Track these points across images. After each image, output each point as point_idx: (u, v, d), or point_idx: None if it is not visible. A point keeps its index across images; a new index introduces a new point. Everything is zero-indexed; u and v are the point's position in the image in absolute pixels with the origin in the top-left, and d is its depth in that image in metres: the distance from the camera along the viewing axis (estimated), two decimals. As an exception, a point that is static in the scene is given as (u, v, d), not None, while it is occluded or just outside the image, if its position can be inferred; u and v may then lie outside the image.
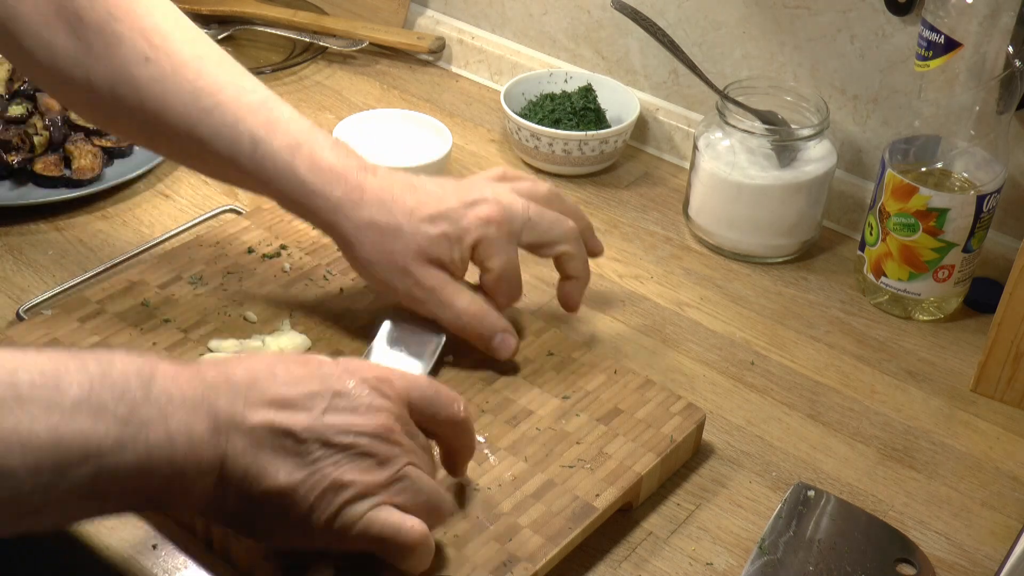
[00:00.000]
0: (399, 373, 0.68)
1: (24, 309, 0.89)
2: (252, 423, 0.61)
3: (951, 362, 0.93)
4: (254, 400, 0.62)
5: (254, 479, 0.62)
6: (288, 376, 0.64)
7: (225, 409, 0.61)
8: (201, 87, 0.80)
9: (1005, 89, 0.89)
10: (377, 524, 0.64)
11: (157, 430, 0.58)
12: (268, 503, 0.62)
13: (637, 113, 1.13)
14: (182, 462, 0.59)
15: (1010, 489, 0.83)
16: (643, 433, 0.79)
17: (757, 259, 1.03)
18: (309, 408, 0.63)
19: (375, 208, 0.81)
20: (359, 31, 1.29)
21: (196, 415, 0.60)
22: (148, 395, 0.59)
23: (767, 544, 0.74)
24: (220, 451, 0.61)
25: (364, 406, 0.64)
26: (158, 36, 0.81)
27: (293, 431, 0.62)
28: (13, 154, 1.03)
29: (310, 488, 0.62)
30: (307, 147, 0.81)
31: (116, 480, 0.58)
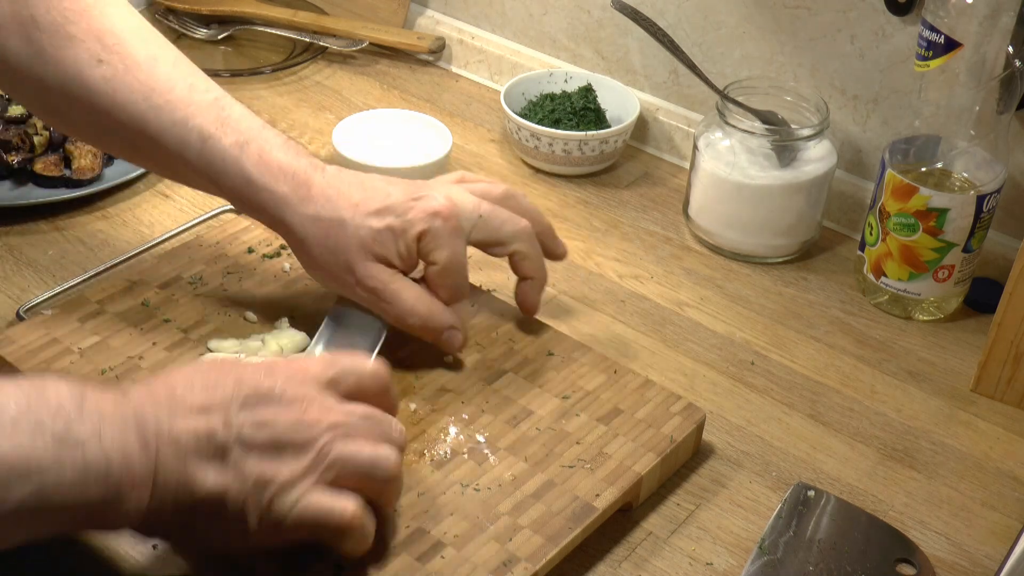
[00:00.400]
0: (314, 359, 0.69)
1: (24, 309, 0.89)
2: (176, 432, 0.62)
3: (951, 362, 0.93)
4: (175, 410, 0.63)
5: (185, 487, 0.62)
6: (204, 383, 0.65)
7: (152, 422, 0.62)
8: (152, 86, 0.81)
9: (1005, 89, 0.89)
10: (309, 511, 0.64)
11: (92, 447, 0.59)
12: (202, 510, 0.63)
13: (637, 113, 1.13)
14: (117, 477, 0.60)
15: (1010, 489, 0.83)
16: (643, 433, 0.79)
17: (757, 259, 1.03)
18: (224, 409, 0.64)
19: (321, 204, 0.81)
20: (359, 31, 1.30)
21: (126, 431, 0.61)
22: (81, 413, 0.60)
23: (767, 544, 0.74)
24: (151, 464, 0.62)
25: (276, 398, 0.65)
26: (112, 37, 0.81)
27: (213, 432, 0.63)
28: (13, 154, 1.03)
29: (238, 489, 0.63)
30: (256, 144, 0.82)
31: (56, 498, 0.58)
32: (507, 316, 0.89)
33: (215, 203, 1.03)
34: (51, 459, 0.58)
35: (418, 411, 0.80)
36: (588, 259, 1.02)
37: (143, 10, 1.33)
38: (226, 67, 1.27)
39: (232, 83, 1.24)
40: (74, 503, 0.59)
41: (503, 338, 0.87)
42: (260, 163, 0.81)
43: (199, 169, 0.82)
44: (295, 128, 1.17)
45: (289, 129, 1.17)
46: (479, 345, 0.86)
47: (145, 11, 1.33)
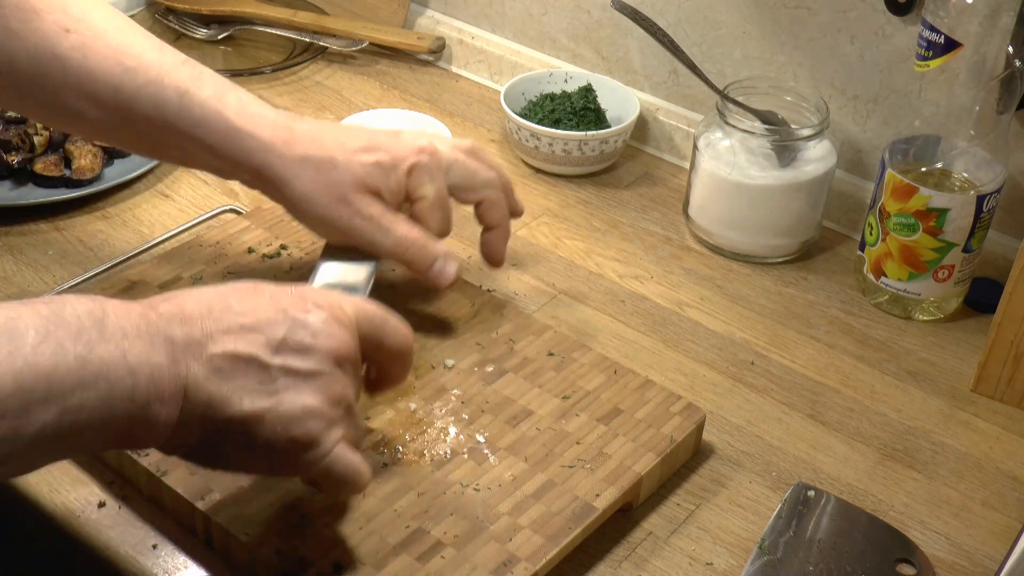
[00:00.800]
0: (349, 300, 0.68)
1: (24, 309, 0.89)
2: (212, 352, 0.62)
3: (951, 362, 0.93)
4: (211, 329, 0.62)
5: (219, 406, 0.62)
6: (243, 305, 0.64)
7: (182, 339, 0.61)
8: (124, 50, 0.82)
9: (1005, 89, 0.89)
10: (340, 464, 0.65)
11: (116, 366, 0.58)
12: (233, 431, 0.62)
13: (637, 113, 1.13)
14: (144, 395, 0.59)
15: (1010, 489, 0.83)
16: (643, 433, 0.79)
17: (757, 259, 1.03)
18: (270, 332, 0.63)
19: (307, 144, 0.82)
20: (359, 31, 1.30)
21: (153, 346, 0.60)
22: (103, 333, 0.59)
23: (767, 544, 0.74)
24: (181, 381, 0.61)
25: (323, 332, 0.64)
26: (76, 8, 0.82)
27: (256, 356, 0.62)
28: (13, 154, 1.03)
29: (279, 416, 0.62)
30: (233, 95, 0.83)
31: (81, 418, 0.58)
32: (507, 316, 0.89)
33: (215, 203, 1.03)
34: (74, 381, 0.57)
35: (418, 411, 0.80)
36: (588, 259, 1.02)
37: (143, 10, 1.34)
38: (226, 67, 1.27)
39: (232, 83, 1.24)
40: (100, 423, 0.59)
41: (503, 338, 0.87)
42: (240, 111, 0.82)
43: (177, 125, 0.82)
44: (295, 128, 1.17)
45: (289, 129, 1.17)
46: (479, 345, 0.86)
47: (145, 11, 1.33)
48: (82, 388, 0.57)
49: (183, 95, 0.81)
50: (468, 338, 0.87)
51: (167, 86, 0.81)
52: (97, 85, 0.81)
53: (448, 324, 0.88)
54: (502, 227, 0.89)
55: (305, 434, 0.63)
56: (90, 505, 0.75)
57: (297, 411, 0.63)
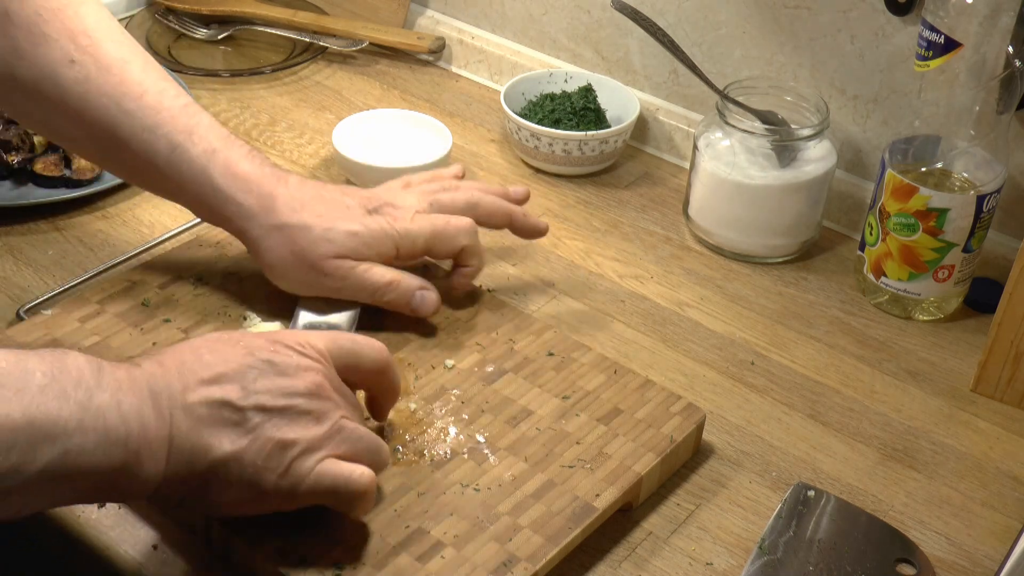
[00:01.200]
0: (318, 333, 0.71)
1: (24, 309, 0.89)
2: (190, 401, 0.65)
3: (951, 362, 0.93)
4: (188, 381, 0.65)
5: (201, 453, 0.65)
6: (215, 355, 0.67)
7: (164, 392, 0.65)
8: (124, 91, 0.83)
9: (1005, 89, 0.89)
10: (327, 476, 0.67)
11: (112, 414, 0.62)
12: (216, 475, 0.65)
13: (637, 113, 1.13)
14: (136, 443, 0.63)
15: (1010, 489, 0.83)
16: (643, 433, 0.79)
17: (757, 259, 1.03)
18: (241, 379, 0.66)
19: (286, 213, 0.84)
20: (359, 31, 1.29)
21: (142, 401, 0.64)
22: (100, 383, 0.62)
23: (767, 544, 0.74)
24: (166, 432, 0.64)
25: (293, 367, 0.68)
26: (85, 38, 0.83)
27: (229, 401, 0.65)
28: (13, 154, 1.03)
29: (256, 452, 0.65)
30: (223, 154, 0.84)
31: (80, 462, 0.61)
32: (507, 316, 0.89)
33: (215, 203, 1.03)
34: (76, 424, 0.60)
35: (418, 411, 0.80)
36: (588, 259, 1.02)
37: (143, 10, 1.34)
38: (226, 67, 1.27)
39: (232, 83, 1.24)
40: (96, 468, 0.61)
41: (503, 338, 0.87)
42: (227, 173, 0.84)
43: (166, 176, 0.84)
44: (295, 128, 1.17)
45: (289, 129, 1.17)
46: (479, 345, 0.86)
47: (145, 11, 1.33)
48: (82, 432, 0.61)
49: (174, 149, 0.83)
50: (468, 338, 0.87)
51: (160, 137, 0.83)
52: (93, 121, 0.83)
53: (448, 324, 0.88)
54: (476, 268, 0.91)
55: (280, 465, 0.66)
56: (90, 505, 0.75)
57: (272, 446, 0.66)
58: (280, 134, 1.16)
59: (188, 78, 1.22)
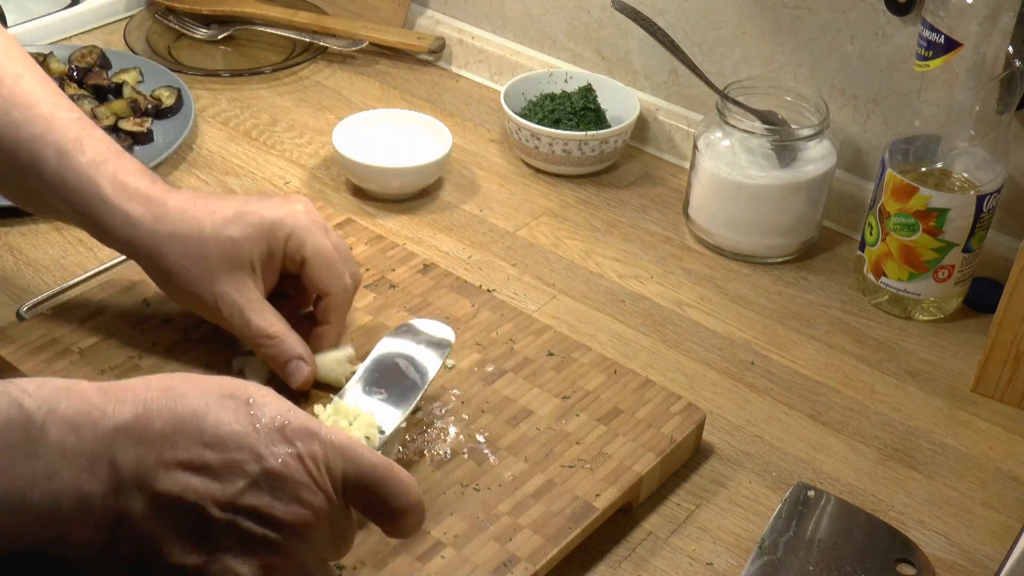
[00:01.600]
0: (343, 451, 0.60)
1: (24, 309, 0.89)
2: (159, 488, 0.56)
3: (951, 362, 0.93)
4: (168, 458, 0.56)
5: (149, 549, 0.56)
6: (215, 432, 0.57)
7: (131, 465, 0.56)
8: (14, 101, 0.79)
9: (1005, 89, 0.89)
10: None
11: (38, 489, 0.54)
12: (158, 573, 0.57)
13: (637, 113, 1.13)
14: (66, 520, 0.55)
15: (1010, 489, 0.83)
16: (643, 433, 0.79)
17: (757, 259, 1.03)
18: (229, 481, 0.56)
19: (177, 221, 0.78)
20: (359, 31, 1.30)
21: (91, 472, 0.55)
22: (34, 448, 0.54)
23: (767, 544, 0.74)
24: (115, 512, 0.56)
25: (291, 494, 0.57)
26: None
27: (204, 508, 0.56)
28: (13, 154, 1.03)
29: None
30: (112, 165, 0.79)
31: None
32: (507, 316, 0.89)
33: (215, 203, 1.03)
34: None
35: (418, 411, 0.80)
36: (588, 259, 1.02)
37: (143, 10, 1.34)
38: (226, 67, 1.27)
39: (232, 83, 1.24)
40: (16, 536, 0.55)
41: (503, 338, 0.87)
42: (115, 183, 0.79)
43: (52, 186, 0.79)
44: (295, 128, 1.17)
45: (289, 129, 1.17)
46: (479, 345, 0.86)
47: (145, 11, 1.33)
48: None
49: (61, 156, 0.78)
50: (468, 338, 0.87)
51: (48, 144, 0.78)
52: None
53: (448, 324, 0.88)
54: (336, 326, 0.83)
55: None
56: (90, 505, 0.75)
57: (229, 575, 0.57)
58: (280, 134, 1.16)
59: (188, 78, 1.22)
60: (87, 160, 0.79)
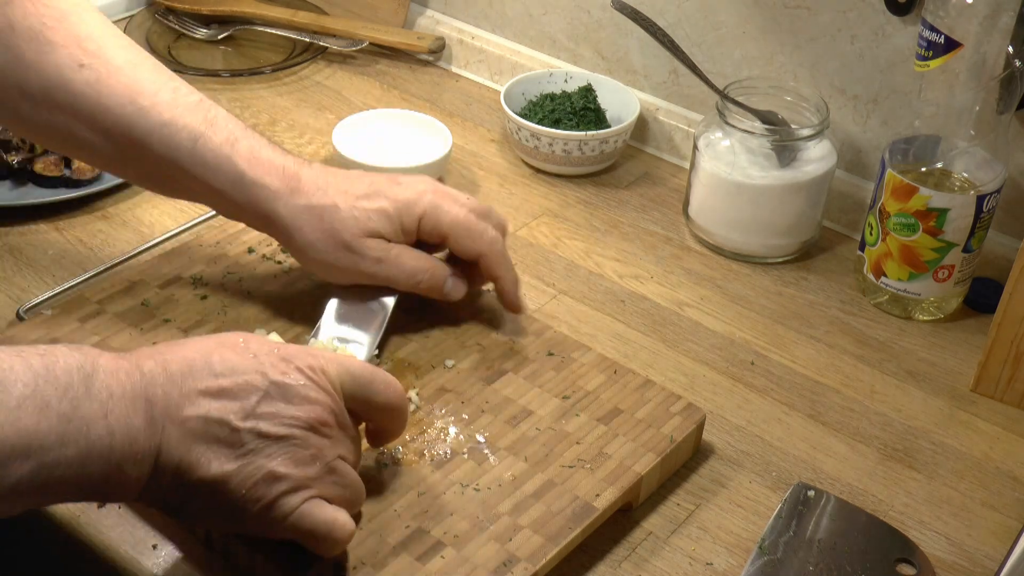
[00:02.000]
0: (334, 359, 0.68)
1: (24, 309, 0.89)
2: (186, 414, 0.63)
3: (951, 362, 0.93)
4: (189, 390, 0.63)
5: (187, 469, 0.63)
6: (223, 364, 0.65)
7: (161, 400, 0.63)
8: (137, 89, 0.82)
9: (1005, 89, 0.89)
10: (308, 519, 0.65)
11: (97, 426, 0.60)
12: (200, 492, 0.64)
13: (637, 113, 1.13)
14: (120, 455, 0.61)
15: (1010, 489, 0.83)
16: (643, 433, 0.79)
17: (757, 259, 1.03)
18: (244, 398, 0.64)
19: (312, 194, 0.83)
20: (359, 31, 1.30)
21: (134, 409, 0.62)
22: (89, 391, 0.60)
23: (767, 544, 0.74)
24: (155, 442, 0.62)
25: (299, 396, 0.65)
26: (92, 43, 0.82)
27: (227, 421, 0.63)
28: (13, 154, 1.03)
29: (244, 479, 0.63)
30: (245, 142, 0.83)
31: (56, 474, 0.59)
32: (507, 316, 0.89)
33: (215, 203, 1.03)
34: (55, 439, 0.58)
35: (418, 411, 0.80)
36: (588, 259, 1.02)
37: (143, 10, 1.34)
38: (226, 67, 1.27)
39: (232, 83, 1.24)
40: (74, 478, 0.60)
41: (503, 338, 0.87)
42: (251, 159, 0.83)
43: (188, 169, 0.82)
44: (295, 128, 1.17)
45: (289, 129, 1.17)
46: (479, 345, 0.86)
47: (145, 11, 1.33)
48: (61, 445, 0.59)
49: (196, 139, 0.82)
50: (468, 338, 0.87)
51: (180, 129, 0.82)
52: (109, 122, 0.82)
53: (448, 324, 0.88)
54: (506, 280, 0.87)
55: (265, 497, 0.64)
56: (90, 505, 0.75)
57: (261, 475, 0.64)
58: (280, 134, 1.16)
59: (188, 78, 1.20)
60: (221, 140, 0.82)
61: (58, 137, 0.85)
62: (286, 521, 0.65)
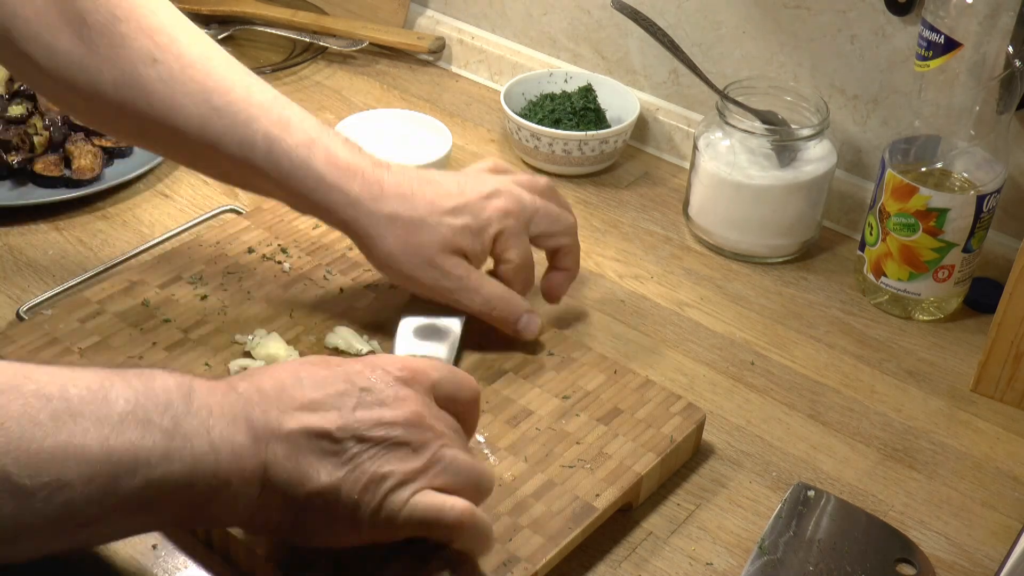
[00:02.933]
0: (418, 361, 0.69)
1: (24, 309, 0.89)
2: (288, 429, 0.62)
3: (951, 362, 0.93)
4: (286, 407, 0.63)
5: (297, 483, 0.62)
6: (313, 380, 0.65)
7: (261, 418, 0.62)
8: (211, 87, 0.81)
9: (1005, 89, 0.89)
10: (420, 508, 0.64)
11: (201, 441, 0.59)
12: (313, 505, 0.63)
13: (637, 113, 1.13)
14: (226, 472, 0.60)
15: (1010, 489, 0.83)
16: (643, 433, 0.79)
17: (757, 259, 1.03)
18: (339, 407, 0.64)
19: (396, 202, 0.82)
20: (359, 31, 1.30)
21: (235, 426, 0.61)
22: (189, 408, 0.60)
23: (767, 544, 0.74)
24: (261, 459, 0.62)
25: (391, 398, 0.65)
26: (164, 36, 0.81)
27: (328, 431, 0.63)
28: (13, 154, 1.03)
29: (352, 484, 0.63)
30: (322, 144, 0.82)
31: (164, 491, 0.59)
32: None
33: (215, 203, 1.03)
34: (160, 454, 0.58)
35: (418, 411, 0.80)
36: (588, 259, 1.02)
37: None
38: (226, 67, 1.27)
39: (232, 83, 1.24)
40: (183, 496, 0.60)
41: (503, 338, 0.87)
42: (329, 163, 0.81)
43: (264, 171, 0.81)
44: (295, 128, 1.17)
45: (289, 129, 1.17)
46: (479, 345, 0.86)
47: (145, 11, 1.33)
48: (167, 461, 0.58)
49: (272, 143, 0.81)
50: (468, 338, 0.87)
51: (256, 131, 0.80)
52: (182, 120, 0.81)
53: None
54: (572, 270, 0.90)
55: (375, 498, 0.64)
56: (90, 505, 0.75)
57: (368, 478, 0.63)
58: (280, 134, 1.16)
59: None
60: (297, 142, 0.81)
61: (134, 135, 0.85)
62: (399, 517, 0.64)
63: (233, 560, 0.71)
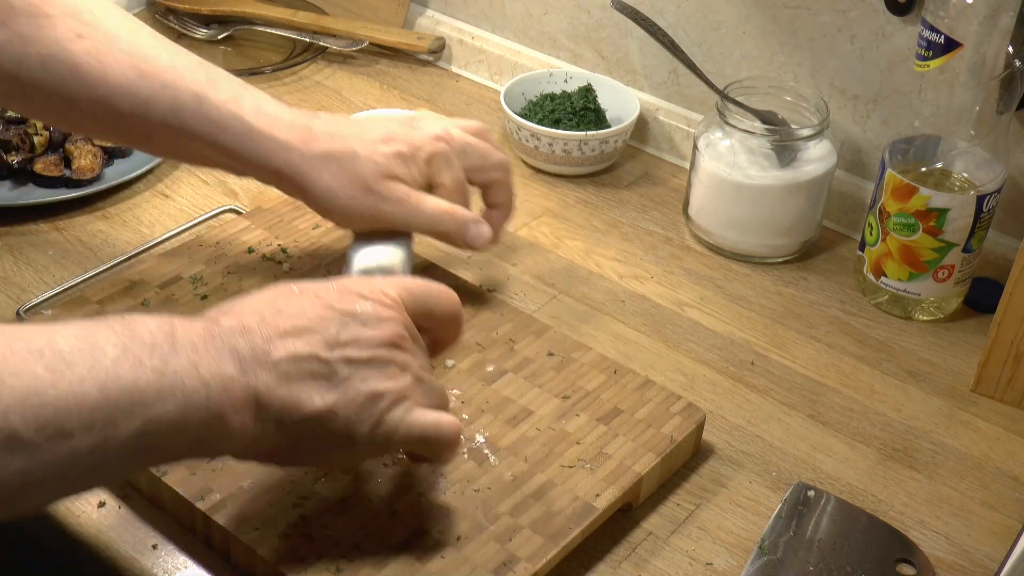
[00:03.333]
0: (390, 281, 0.71)
1: (24, 309, 0.89)
2: (276, 357, 0.63)
3: (951, 362, 0.93)
4: (269, 334, 0.64)
5: (292, 409, 0.63)
6: (292, 308, 0.66)
7: (246, 348, 0.63)
8: (138, 54, 0.83)
9: (1005, 89, 0.89)
10: (418, 425, 0.66)
11: (191, 377, 0.60)
12: (309, 429, 0.64)
13: (637, 113, 1.13)
14: (218, 404, 0.61)
15: (1010, 489, 0.83)
16: (643, 433, 0.79)
17: (757, 259, 1.03)
18: (324, 330, 0.65)
19: (327, 141, 0.84)
20: (359, 31, 1.30)
21: (221, 359, 0.62)
22: (174, 347, 0.61)
23: (767, 544, 0.74)
24: (251, 389, 0.63)
25: (372, 318, 0.67)
26: (88, 15, 0.83)
27: (315, 354, 0.64)
28: (13, 154, 1.03)
29: (347, 404, 0.65)
30: (249, 98, 0.84)
31: (161, 429, 0.60)
32: (507, 316, 0.89)
33: (215, 203, 1.03)
34: (153, 393, 0.59)
35: (418, 411, 0.80)
36: (588, 259, 1.02)
37: (143, 10, 1.34)
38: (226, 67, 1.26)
39: (232, 83, 1.24)
40: (178, 433, 0.60)
41: (503, 338, 0.87)
42: (258, 113, 0.83)
43: (194, 129, 0.83)
44: (295, 128, 1.17)
45: (289, 129, 1.17)
46: (479, 345, 0.86)
47: (145, 11, 1.33)
48: (161, 400, 0.59)
49: (200, 99, 0.82)
50: (468, 338, 0.87)
51: (183, 90, 0.82)
52: (112, 90, 0.82)
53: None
54: (506, 207, 0.91)
55: (372, 416, 0.65)
56: (90, 505, 0.75)
57: (363, 398, 0.65)
58: (280, 134, 1.16)
59: (188, 78, 1.21)
60: (225, 97, 0.83)
61: (59, 112, 0.85)
62: (397, 434, 0.66)
63: (233, 560, 0.71)
